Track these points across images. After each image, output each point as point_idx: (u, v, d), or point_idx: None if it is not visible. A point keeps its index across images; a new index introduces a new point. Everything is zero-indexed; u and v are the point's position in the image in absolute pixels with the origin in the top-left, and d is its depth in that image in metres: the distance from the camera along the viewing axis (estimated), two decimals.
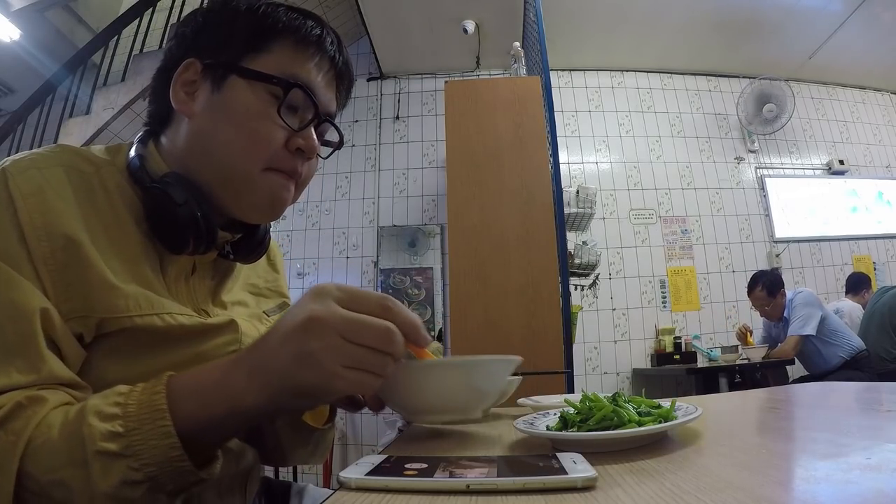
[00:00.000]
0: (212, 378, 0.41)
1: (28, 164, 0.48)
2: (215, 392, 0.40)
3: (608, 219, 3.78)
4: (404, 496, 0.32)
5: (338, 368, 0.37)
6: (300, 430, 0.65)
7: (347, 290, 0.39)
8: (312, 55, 0.57)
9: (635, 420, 0.45)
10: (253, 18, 0.56)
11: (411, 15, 3.32)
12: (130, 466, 0.37)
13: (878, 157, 4.24)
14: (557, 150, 2.05)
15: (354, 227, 3.70)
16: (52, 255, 0.44)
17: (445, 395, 0.49)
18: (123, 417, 0.38)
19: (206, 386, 0.40)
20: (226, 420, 0.40)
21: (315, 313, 0.37)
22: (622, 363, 3.53)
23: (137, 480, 0.37)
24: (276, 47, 0.56)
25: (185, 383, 0.40)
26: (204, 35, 0.58)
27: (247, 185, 0.55)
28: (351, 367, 0.38)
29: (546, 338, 1.84)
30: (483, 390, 0.51)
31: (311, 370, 0.38)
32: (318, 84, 0.58)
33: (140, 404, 0.38)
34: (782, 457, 0.39)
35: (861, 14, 3.54)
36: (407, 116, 3.92)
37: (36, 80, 4.03)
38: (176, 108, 0.56)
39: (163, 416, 0.38)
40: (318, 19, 0.60)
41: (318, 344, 0.37)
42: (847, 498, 0.27)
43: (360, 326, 0.38)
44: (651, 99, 4.11)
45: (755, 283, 2.99)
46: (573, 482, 0.31)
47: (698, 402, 0.62)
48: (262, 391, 0.39)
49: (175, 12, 3.83)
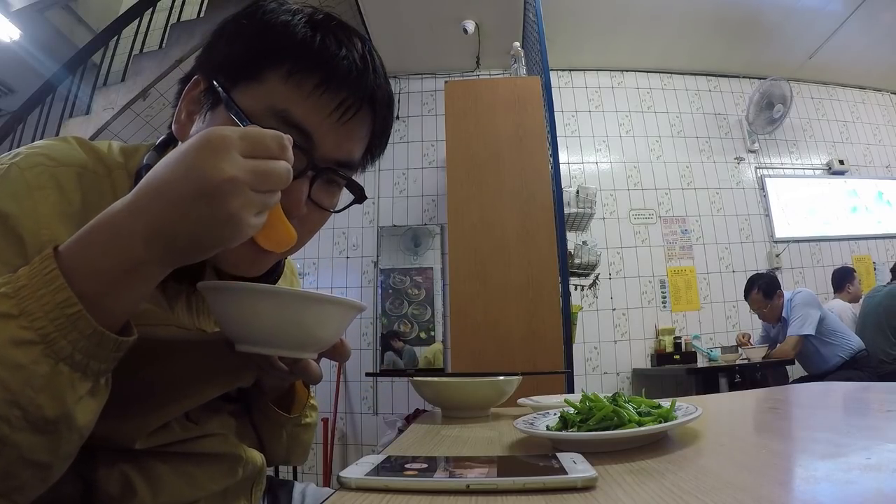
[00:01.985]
0: (99, 243, 0.36)
1: (41, 160, 0.46)
2: (104, 259, 0.35)
3: (608, 219, 3.78)
4: (404, 496, 0.32)
5: (252, 219, 0.36)
6: (270, 418, 0.64)
7: (247, 137, 0.37)
8: (313, 89, 0.46)
9: (635, 420, 0.45)
10: (256, 37, 0.47)
11: (411, 15, 3.33)
12: (20, 325, 0.33)
13: (878, 157, 4.25)
14: (557, 150, 2.05)
15: (354, 227, 3.70)
16: (51, 244, 0.43)
17: (272, 326, 0.44)
18: (13, 283, 0.34)
19: (95, 242, 0.36)
20: (121, 290, 0.36)
21: (230, 173, 0.35)
22: (622, 363, 3.53)
23: (27, 339, 0.32)
24: (270, 76, 0.46)
25: (74, 241, 0.36)
26: (215, 49, 0.50)
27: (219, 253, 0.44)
28: (259, 214, 0.37)
29: (546, 338, 1.84)
30: (315, 332, 0.47)
31: (226, 227, 0.35)
32: (322, 125, 0.47)
33: (31, 270, 0.35)
34: (782, 457, 0.39)
35: (861, 14, 3.54)
36: (407, 116, 3.92)
37: (36, 80, 4.03)
38: (173, 129, 0.51)
39: (49, 266, 0.34)
40: (348, 42, 0.48)
41: (237, 202, 0.35)
42: (847, 498, 0.27)
43: (267, 176, 0.36)
44: (651, 99, 4.11)
45: (751, 286, 3.01)
46: (573, 482, 0.31)
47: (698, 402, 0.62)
48: (160, 252, 0.36)
49: (175, 12, 3.83)
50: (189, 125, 0.50)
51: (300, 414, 0.68)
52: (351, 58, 0.48)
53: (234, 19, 0.50)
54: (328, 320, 0.47)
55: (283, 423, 0.66)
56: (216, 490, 0.55)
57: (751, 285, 3.01)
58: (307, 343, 0.47)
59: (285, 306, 0.44)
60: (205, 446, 0.54)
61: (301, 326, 0.45)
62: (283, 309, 0.44)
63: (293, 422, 0.67)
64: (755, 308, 3.03)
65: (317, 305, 0.46)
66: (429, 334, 3.47)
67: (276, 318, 0.44)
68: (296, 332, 0.45)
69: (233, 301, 0.44)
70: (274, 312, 0.44)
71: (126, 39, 3.76)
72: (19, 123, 3.67)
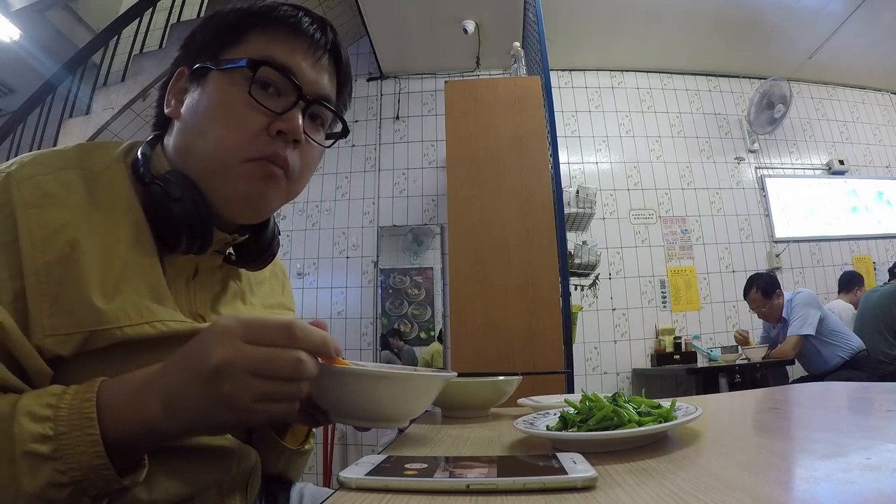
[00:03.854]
0: (131, 397, 0.41)
1: (35, 171, 0.47)
2: (132, 414, 0.40)
3: (608, 219, 3.78)
4: (404, 496, 0.32)
5: (251, 405, 0.39)
6: (270, 445, 0.65)
7: (250, 325, 0.39)
8: (287, 36, 0.56)
9: (635, 420, 0.45)
10: (230, 16, 0.57)
11: (411, 15, 3.33)
12: (57, 469, 0.37)
13: (878, 157, 4.24)
14: (557, 150, 2.05)
15: (354, 227, 3.70)
16: (45, 268, 0.44)
17: (372, 403, 0.49)
18: (54, 420, 0.38)
19: (125, 404, 0.41)
20: (144, 439, 0.41)
21: (223, 357, 0.38)
22: (622, 363, 3.53)
23: (63, 483, 0.37)
24: (251, 37, 0.56)
25: (111, 391, 0.41)
26: (193, 43, 0.59)
27: (223, 176, 0.53)
28: (264, 400, 0.39)
29: (546, 338, 1.84)
30: (411, 404, 0.52)
31: (225, 410, 0.39)
32: (300, 64, 0.56)
33: (71, 409, 0.39)
34: (782, 457, 0.39)
35: (861, 14, 3.54)
36: (407, 116, 3.92)
37: (36, 80, 4.03)
38: (166, 112, 0.57)
39: (91, 424, 0.38)
40: (296, 6, 0.59)
41: (230, 386, 0.38)
42: (847, 498, 0.27)
43: (268, 362, 0.39)
44: (651, 99, 4.11)
45: (750, 285, 3.01)
46: (573, 482, 0.31)
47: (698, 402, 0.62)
48: (175, 420, 0.40)
49: (175, 12, 3.83)
50: (179, 106, 0.56)
51: (302, 443, 0.69)
52: (310, 17, 0.58)
53: (209, 15, 0.59)
54: (425, 394, 0.53)
55: (282, 451, 0.66)
56: (210, 485, 0.55)
57: (750, 285, 3.01)
58: (402, 416, 0.52)
59: (383, 387, 0.48)
60: (198, 441, 0.54)
61: (401, 402, 0.51)
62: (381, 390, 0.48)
63: (294, 451, 0.68)
64: (754, 307, 3.03)
65: (411, 383, 0.51)
66: (429, 334, 3.47)
67: (376, 397, 0.48)
68: (394, 407, 0.50)
69: (338, 384, 0.47)
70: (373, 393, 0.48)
71: (126, 39, 3.76)
72: (19, 123, 3.67)
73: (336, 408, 0.50)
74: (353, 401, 0.48)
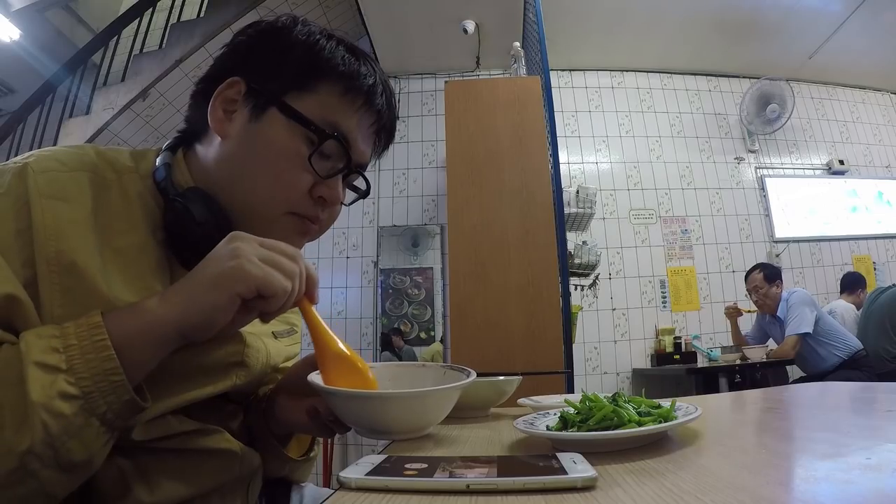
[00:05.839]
0: (134, 308, 0.43)
1: (52, 166, 0.48)
2: (135, 317, 0.42)
3: (608, 219, 3.78)
4: (404, 496, 0.32)
5: (254, 259, 0.43)
6: (274, 455, 0.65)
7: (265, 242, 0.46)
8: (359, 107, 0.57)
9: (635, 420, 0.45)
10: (308, 53, 0.55)
11: (411, 15, 3.32)
12: (66, 380, 0.38)
13: (878, 157, 4.24)
14: (557, 150, 2.05)
15: (354, 227, 3.70)
16: (56, 256, 0.44)
17: (401, 419, 0.54)
18: (62, 336, 0.39)
19: (127, 313, 0.43)
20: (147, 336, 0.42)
21: (238, 233, 0.46)
22: (622, 363, 3.53)
23: (72, 394, 0.37)
24: (323, 89, 0.55)
25: (115, 315, 0.42)
26: (255, 55, 0.56)
27: (265, 224, 0.55)
28: (266, 262, 0.44)
29: (546, 338, 1.84)
30: (437, 413, 0.57)
31: (230, 258, 0.43)
32: (357, 136, 0.57)
33: (78, 325, 0.40)
34: (782, 457, 0.39)
35: (861, 14, 3.54)
36: (407, 116, 3.91)
37: (36, 80, 4.03)
38: (211, 125, 0.55)
39: (100, 335, 0.39)
40: (373, 65, 0.58)
41: (241, 243, 0.44)
42: (847, 498, 0.27)
43: (275, 243, 0.46)
44: (651, 99, 4.11)
45: (754, 267, 3.05)
46: (573, 482, 0.31)
47: (698, 402, 0.62)
48: (170, 305, 0.43)
49: (175, 12, 3.83)
50: (228, 123, 0.55)
51: (307, 451, 0.71)
52: (377, 82, 0.59)
53: (277, 31, 0.57)
54: (448, 403, 0.56)
55: (286, 461, 0.66)
56: (212, 487, 0.55)
57: (754, 267, 3.06)
58: (424, 426, 0.57)
59: (408, 407, 0.54)
60: (201, 443, 0.54)
61: (421, 416, 0.55)
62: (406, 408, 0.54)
63: (296, 462, 0.68)
64: (752, 290, 3.03)
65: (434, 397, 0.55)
66: (429, 334, 3.47)
67: (398, 414, 0.54)
68: (416, 421, 0.56)
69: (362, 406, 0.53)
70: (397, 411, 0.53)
71: (126, 39, 3.77)
72: (19, 123, 3.67)
73: (361, 424, 0.54)
74: (382, 419, 0.53)
